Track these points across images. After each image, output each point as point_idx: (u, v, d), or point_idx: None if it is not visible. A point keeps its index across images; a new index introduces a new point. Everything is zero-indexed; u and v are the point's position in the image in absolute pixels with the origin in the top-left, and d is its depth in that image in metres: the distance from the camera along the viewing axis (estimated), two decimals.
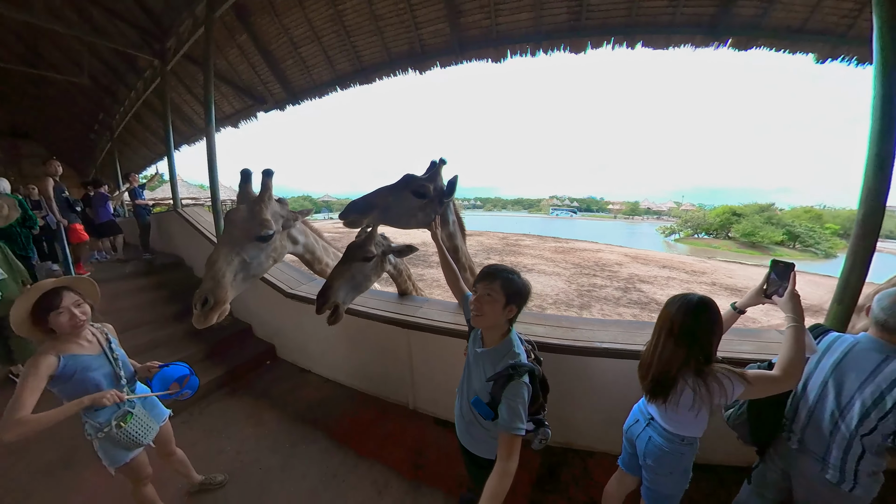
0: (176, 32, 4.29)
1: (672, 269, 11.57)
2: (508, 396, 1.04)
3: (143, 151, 9.02)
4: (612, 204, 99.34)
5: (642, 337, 1.84)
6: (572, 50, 3.01)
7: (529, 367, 1.09)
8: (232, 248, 1.59)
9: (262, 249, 1.69)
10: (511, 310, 1.11)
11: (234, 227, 1.64)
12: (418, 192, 1.75)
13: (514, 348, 1.14)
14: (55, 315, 1.23)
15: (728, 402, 1.11)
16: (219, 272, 1.52)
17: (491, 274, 1.15)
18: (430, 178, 1.85)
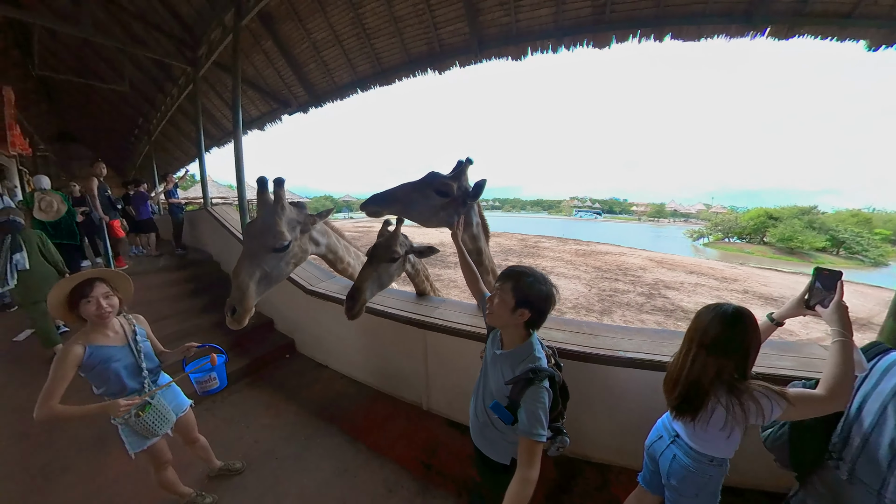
0: (207, 41, 4.52)
1: (700, 275, 11.00)
2: (528, 401, 1.01)
3: (177, 153, 9.57)
4: (636, 205, 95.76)
5: (669, 347, 1.75)
6: (596, 45, 2.89)
7: (550, 373, 1.06)
8: (252, 260, 1.68)
9: (281, 259, 1.76)
10: (522, 314, 1.08)
11: (252, 240, 1.72)
12: (441, 191, 1.74)
13: (534, 352, 1.11)
14: (84, 303, 1.33)
15: (765, 422, 1.02)
16: (242, 284, 1.62)
17: (506, 275, 1.14)
18: (455, 178, 1.82)
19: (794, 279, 11.65)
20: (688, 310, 7.55)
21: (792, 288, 9.85)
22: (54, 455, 2.07)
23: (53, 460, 2.03)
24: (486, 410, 1.17)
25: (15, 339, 3.24)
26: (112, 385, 1.40)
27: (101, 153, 13.08)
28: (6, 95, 5.91)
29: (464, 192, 1.83)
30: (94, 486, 1.88)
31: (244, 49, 4.53)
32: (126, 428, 1.43)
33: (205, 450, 1.86)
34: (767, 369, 1.57)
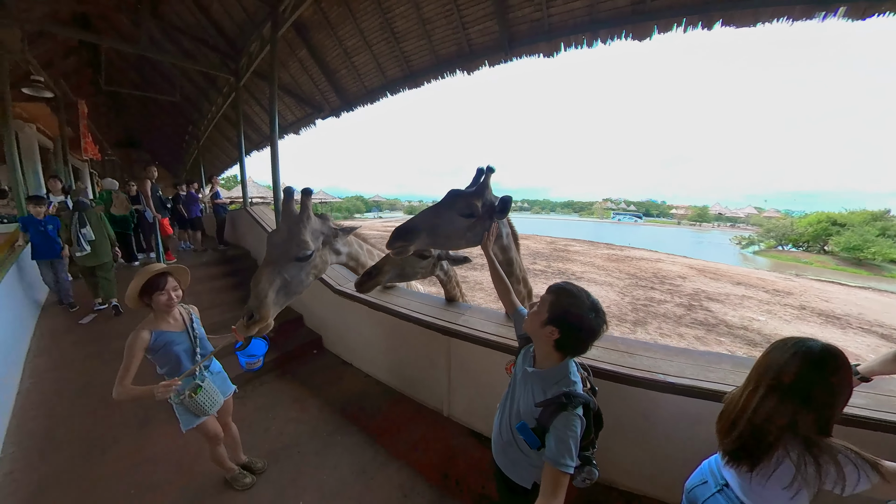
0: (247, 52, 4.83)
1: (748, 287, 10.02)
2: (559, 427, 0.94)
3: (221, 157, 10.32)
4: (675, 208, 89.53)
5: (716, 373, 1.57)
6: (635, 37, 2.68)
7: (585, 399, 0.98)
8: (273, 268, 1.68)
9: (302, 268, 1.76)
10: (552, 332, 1.00)
11: (275, 248, 1.72)
12: (465, 213, 1.63)
13: (569, 375, 1.03)
14: (158, 294, 1.51)
15: (844, 493, 0.83)
16: (262, 292, 1.63)
17: (552, 288, 1.08)
18: (478, 193, 1.69)
19: (861, 295, 10.29)
20: (732, 325, 6.90)
21: (859, 305, 8.70)
22: (109, 429, 2.30)
23: (107, 433, 2.26)
24: (512, 430, 1.10)
25: (80, 322, 3.60)
26: (172, 365, 1.58)
27: (157, 157, 14.45)
28: (80, 108, 6.68)
29: (489, 208, 1.70)
30: (139, 458, 2.08)
31: (280, 58, 4.78)
32: (181, 406, 1.59)
33: (234, 439, 1.94)
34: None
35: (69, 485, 1.89)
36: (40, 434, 2.24)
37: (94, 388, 2.61)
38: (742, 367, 1.63)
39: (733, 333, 6.48)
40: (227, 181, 31.79)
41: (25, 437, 2.22)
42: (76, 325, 3.55)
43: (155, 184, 5.11)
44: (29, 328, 3.39)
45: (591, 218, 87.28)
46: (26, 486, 1.87)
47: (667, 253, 16.71)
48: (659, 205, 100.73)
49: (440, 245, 1.73)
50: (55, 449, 2.13)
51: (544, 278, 10.18)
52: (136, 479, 1.94)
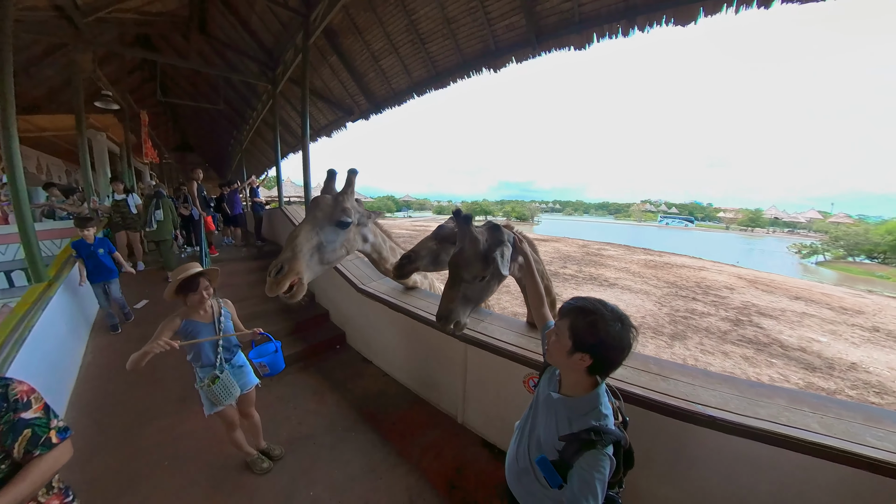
0: (283, 61, 5.10)
1: (809, 303, 8.94)
2: (584, 467, 0.83)
3: (262, 159, 11.03)
4: (723, 211, 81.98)
5: (768, 409, 1.34)
6: (677, 22, 2.42)
7: (617, 437, 0.87)
8: (313, 227, 1.71)
9: (339, 236, 1.79)
10: (582, 359, 0.88)
11: (318, 209, 1.76)
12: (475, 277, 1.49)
13: (600, 406, 0.91)
14: (192, 294, 1.66)
15: None
16: (297, 246, 1.64)
17: (565, 309, 0.94)
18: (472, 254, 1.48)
19: None
20: (788, 345, 6.17)
21: None
22: (151, 404, 2.54)
23: (150, 408, 2.50)
24: (530, 459, 1.01)
25: (135, 306, 3.99)
26: (196, 353, 1.71)
27: (208, 160, 15.77)
28: (142, 118, 7.48)
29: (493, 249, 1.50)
30: (176, 433, 2.27)
31: (313, 64, 5.01)
32: (203, 393, 1.73)
33: (255, 427, 2.04)
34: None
35: (115, 452, 2.10)
36: (96, 404, 2.52)
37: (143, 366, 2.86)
38: (799, 402, 1.39)
39: (788, 355, 5.80)
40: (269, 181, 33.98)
41: (84, 405, 2.52)
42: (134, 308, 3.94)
43: (201, 184, 5.55)
44: (94, 307, 3.83)
45: (629, 221, 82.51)
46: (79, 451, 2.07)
47: (712, 261, 15.39)
48: (704, 207, 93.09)
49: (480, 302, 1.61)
50: (106, 417, 2.40)
51: (574, 283, 9.77)
52: (171, 451, 2.12)
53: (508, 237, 1.58)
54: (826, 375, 5.25)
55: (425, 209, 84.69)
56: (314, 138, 6.96)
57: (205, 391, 1.71)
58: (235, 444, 1.92)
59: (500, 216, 75.16)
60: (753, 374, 5.20)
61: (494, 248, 1.50)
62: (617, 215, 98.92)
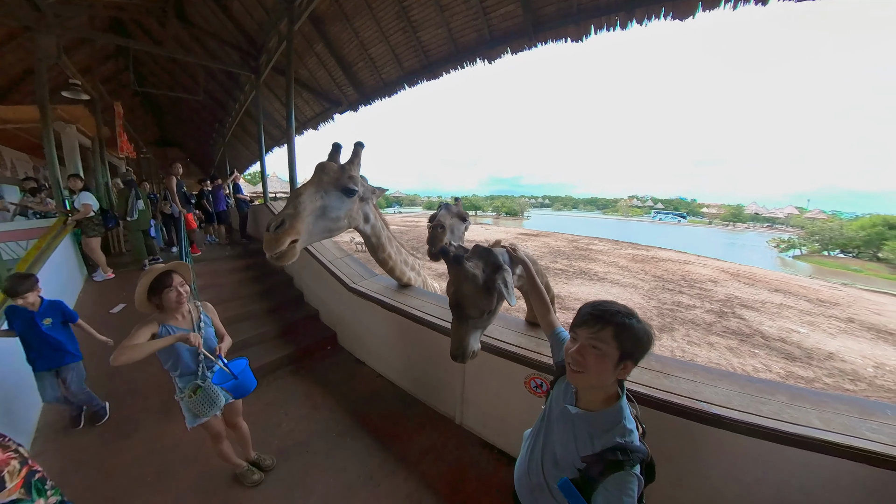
0: (266, 49, 4.86)
1: (788, 295, 9.28)
2: (612, 490, 0.77)
3: (245, 153, 10.64)
4: (706, 206, 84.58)
5: (770, 405, 1.34)
6: (676, 15, 2.39)
7: (644, 454, 0.82)
8: (318, 189, 1.63)
9: (343, 203, 1.72)
10: (626, 367, 0.83)
11: (325, 173, 1.68)
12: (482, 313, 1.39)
13: (624, 421, 0.85)
14: (167, 291, 1.52)
15: None
16: (301, 204, 1.55)
17: (599, 317, 0.84)
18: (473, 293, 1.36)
19: None
20: (769, 336, 6.39)
21: None
22: (130, 416, 2.39)
23: (129, 420, 2.35)
24: (545, 475, 0.95)
25: (111, 311, 3.76)
26: (174, 360, 1.58)
27: (189, 154, 15.14)
28: (116, 110, 7.05)
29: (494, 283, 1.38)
30: (159, 446, 2.14)
31: (298, 52, 4.79)
32: (183, 405, 1.61)
33: (243, 437, 1.93)
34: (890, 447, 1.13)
35: (94, 469, 1.97)
36: (69, 418, 2.33)
37: (120, 376, 2.70)
38: (801, 399, 1.39)
39: (769, 345, 6.00)
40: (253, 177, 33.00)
41: (56, 419, 2.33)
42: (108, 314, 3.71)
43: (180, 180, 5.28)
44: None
45: (617, 216, 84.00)
46: (54, 469, 1.93)
47: (696, 254, 15.81)
48: (689, 203, 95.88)
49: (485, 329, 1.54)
50: (81, 433, 2.24)
51: (564, 278, 9.85)
52: (155, 466, 1.99)
53: (504, 258, 1.45)
54: (805, 365, 5.45)
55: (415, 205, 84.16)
56: (300, 131, 6.71)
57: (186, 403, 1.58)
58: (223, 456, 1.81)
59: (489, 211, 75.33)
60: (738, 364, 5.35)
61: (495, 278, 1.37)
62: (605, 210, 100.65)
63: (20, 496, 0.74)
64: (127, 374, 2.71)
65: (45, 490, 0.78)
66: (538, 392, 1.80)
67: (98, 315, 3.58)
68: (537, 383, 1.79)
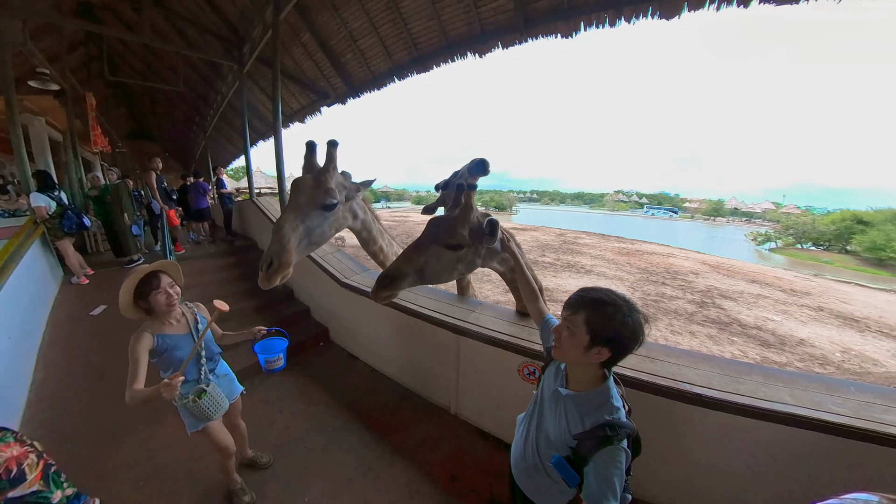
0: (250, 38, 4.69)
1: (764, 286, 9.71)
2: (601, 464, 0.82)
3: (229, 147, 10.30)
4: (688, 201, 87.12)
5: (747, 385, 1.45)
6: (662, 15, 2.45)
7: (631, 429, 0.87)
8: (297, 215, 1.62)
9: (326, 219, 1.71)
10: (600, 353, 0.86)
11: (301, 194, 1.65)
12: (451, 245, 1.45)
13: (612, 400, 0.90)
14: (155, 294, 1.41)
15: None
16: (284, 237, 1.54)
17: (576, 301, 0.90)
18: (461, 220, 1.46)
19: (882, 297, 9.89)
20: (746, 324, 6.70)
21: (879, 308, 8.37)
22: (120, 419, 2.30)
23: (117, 424, 2.26)
24: (540, 456, 1.01)
25: (91, 314, 3.61)
26: (175, 367, 1.47)
27: (169, 149, 14.56)
28: (88, 101, 6.67)
29: (478, 233, 1.48)
30: (151, 448, 2.09)
31: (284, 43, 4.64)
32: (184, 410, 1.52)
33: (241, 437, 1.90)
34: (868, 423, 1.24)
35: (81, 475, 1.89)
36: (54, 424, 2.24)
37: (106, 378, 2.62)
38: (775, 378, 1.51)
39: (746, 333, 6.29)
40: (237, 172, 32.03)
41: (39, 426, 2.22)
42: (87, 315, 3.57)
43: (160, 175, 5.09)
44: (42, 318, 3.41)
45: (603, 210, 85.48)
46: None
47: (679, 247, 16.32)
48: (672, 198, 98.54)
49: (432, 282, 1.55)
50: (68, 439, 2.14)
51: (553, 271, 10.02)
52: (146, 469, 1.94)
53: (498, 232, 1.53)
54: (779, 350, 5.75)
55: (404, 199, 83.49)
56: (286, 124, 6.54)
57: (189, 407, 1.50)
58: (226, 471, 1.73)
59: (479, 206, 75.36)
60: (717, 351, 5.60)
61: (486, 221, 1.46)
62: (592, 205, 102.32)
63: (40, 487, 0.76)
64: (112, 375, 2.63)
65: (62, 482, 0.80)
66: (531, 379, 1.85)
67: (77, 318, 3.44)
68: (530, 370, 1.84)
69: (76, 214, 3.99)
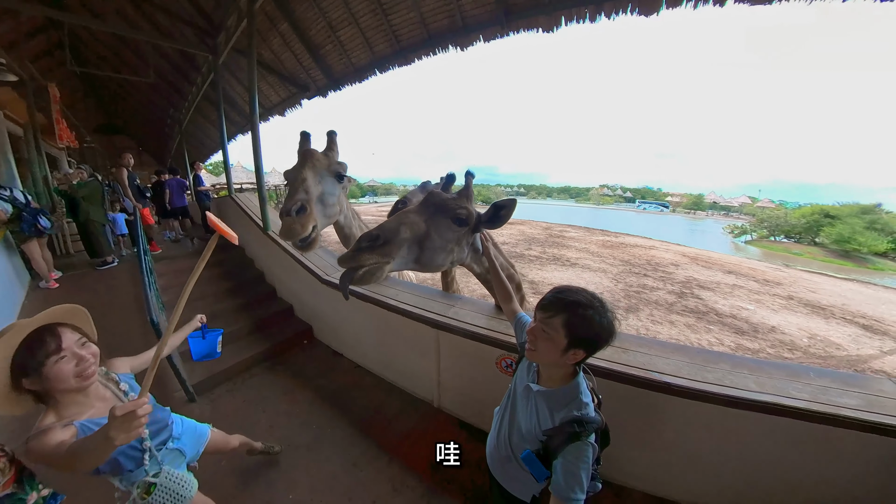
0: (225, 27, 4.50)
1: (739, 276, 10.14)
2: (569, 459, 0.84)
3: (206, 141, 9.91)
4: (670, 195, 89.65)
5: (714, 373, 1.50)
6: (641, 11, 2.47)
7: (598, 424, 0.88)
8: (316, 174, 1.57)
9: (336, 189, 1.69)
10: (576, 355, 0.87)
11: (316, 160, 1.61)
12: (459, 219, 1.30)
13: (580, 395, 0.92)
14: (55, 363, 0.88)
15: None
16: (310, 187, 1.47)
17: (552, 304, 0.88)
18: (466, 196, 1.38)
19: (846, 286, 10.50)
20: (722, 313, 7.00)
21: (843, 296, 8.89)
22: None
23: None
24: (512, 447, 1.03)
25: None
26: (111, 465, 1.02)
27: (142, 144, 13.91)
28: (51, 92, 6.27)
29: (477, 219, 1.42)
30: None
31: (261, 33, 4.48)
32: None
33: (244, 443, 1.82)
34: (824, 406, 1.32)
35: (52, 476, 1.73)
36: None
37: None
38: (741, 366, 1.58)
39: (722, 322, 6.58)
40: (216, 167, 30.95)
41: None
42: None
43: (132, 172, 4.87)
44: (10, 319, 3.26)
45: (589, 204, 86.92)
46: None
47: (660, 240, 16.81)
48: (654, 192, 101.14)
49: (425, 263, 1.34)
50: None
51: (539, 264, 10.17)
52: None
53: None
54: (752, 337, 6.04)
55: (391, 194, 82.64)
56: (265, 117, 6.34)
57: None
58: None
59: None
60: (695, 339, 5.83)
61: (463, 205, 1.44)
62: (577, 199, 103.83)
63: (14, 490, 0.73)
64: None
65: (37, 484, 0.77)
66: (509, 371, 1.89)
67: None
68: (508, 363, 1.88)
69: (32, 215, 3.73)
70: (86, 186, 4.36)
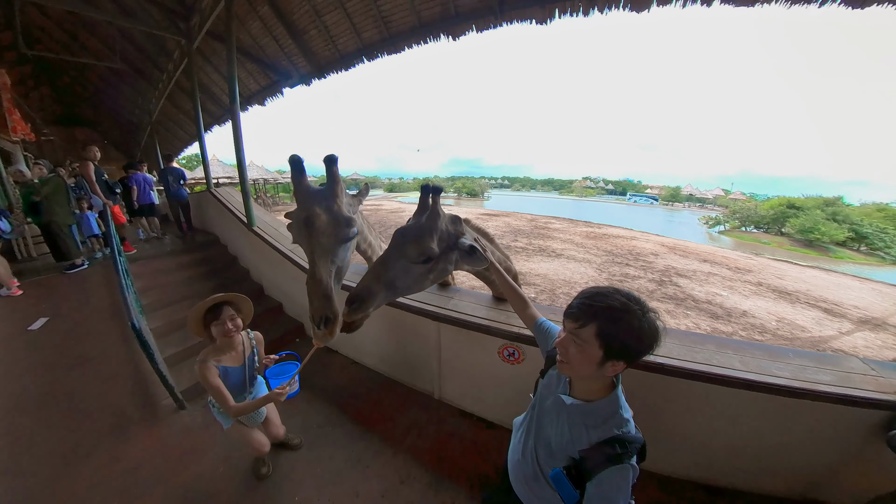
0: (199, 9, 4.21)
1: (714, 264, 10.65)
2: (607, 483, 0.74)
3: (179, 133, 9.35)
4: (650, 188, 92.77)
5: (703, 353, 1.60)
6: (633, 7, 2.50)
7: (641, 443, 0.79)
8: (327, 259, 1.46)
9: (348, 248, 1.60)
10: (615, 366, 0.77)
11: (322, 235, 1.47)
12: (420, 260, 1.35)
13: (620, 410, 0.81)
14: (215, 325, 1.56)
15: None
16: (327, 288, 1.40)
17: (582, 312, 0.77)
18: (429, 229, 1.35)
19: (810, 273, 11.25)
20: (698, 299, 7.34)
21: (807, 282, 9.54)
22: (80, 440, 2.10)
23: (79, 445, 2.07)
24: (540, 465, 0.92)
25: (30, 328, 3.19)
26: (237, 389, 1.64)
27: (107, 136, 12.98)
28: (1, 79, 5.74)
29: (448, 239, 1.40)
30: (118, 467, 1.94)
31: (239, 16, 4.23)
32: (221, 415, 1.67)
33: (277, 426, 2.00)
34: (804, 383, 1.44)
35: (47, 498, 1.74)
36: (4, 453, 1.98)
37: (57, 398, 2.39)
38: (725, 347, 1.67)
39: (699, 307, 6.91)
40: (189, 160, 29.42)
41: None
42: (26, 331, 3.15)
43: (98, 167, 4.54)
44: None
45: (572, 196, 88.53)
46: None
47: (641, 231, 17.37)
48: (635, 184, 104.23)
49: (403, 295, 1.46)
50: (24, 468, 1.91)
51: (525, 255, 10.32)
52: (119, 487, 1.81)
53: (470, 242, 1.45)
54: (726, 322, 6.38)
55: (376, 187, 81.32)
56: (243, 107, 6.00)
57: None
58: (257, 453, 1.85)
59: (451, 192, 75.30)
60: (674, 324, 6.10)
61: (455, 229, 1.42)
62: (561, 191, 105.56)
63: None
64: (64, 395, 2.40)
65: None
66: (511, 360, 1.92)
67: (14, 334, 3.04)
68: (510, 352, 1.91)
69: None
70: (48, 184, 4.03)
